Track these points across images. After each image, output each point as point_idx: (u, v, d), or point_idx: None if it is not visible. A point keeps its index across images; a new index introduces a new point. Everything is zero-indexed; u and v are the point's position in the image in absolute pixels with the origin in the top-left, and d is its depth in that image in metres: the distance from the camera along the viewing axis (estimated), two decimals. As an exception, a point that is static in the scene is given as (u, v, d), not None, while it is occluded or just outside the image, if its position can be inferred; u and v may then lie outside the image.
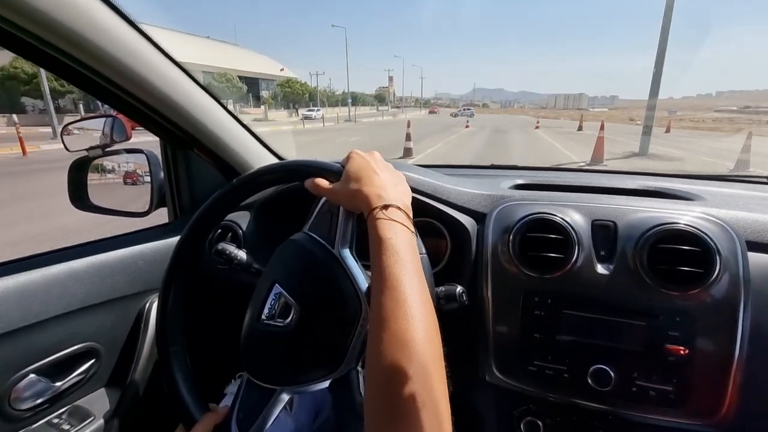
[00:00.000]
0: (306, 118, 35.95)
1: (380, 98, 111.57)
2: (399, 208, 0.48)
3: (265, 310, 0.52)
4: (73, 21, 0.54)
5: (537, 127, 24.47)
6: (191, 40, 50.93)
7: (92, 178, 0.89)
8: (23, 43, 0.55)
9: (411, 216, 0.50)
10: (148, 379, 0.82)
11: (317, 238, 0.55)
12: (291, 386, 0.52)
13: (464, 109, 56.81)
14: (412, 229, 0.48)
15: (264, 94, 52.42)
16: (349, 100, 49.63)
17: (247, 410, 0.54)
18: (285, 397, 0.52)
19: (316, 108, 43.36)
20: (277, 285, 0.53)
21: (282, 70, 61.46)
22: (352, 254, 0.54)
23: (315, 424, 0.58)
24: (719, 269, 0.57)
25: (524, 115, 69.60)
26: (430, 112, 73.72)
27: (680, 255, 0.59)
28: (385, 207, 0.47)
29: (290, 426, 0.82)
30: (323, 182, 0.54)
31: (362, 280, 0.51)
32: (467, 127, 25.27)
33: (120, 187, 0.93)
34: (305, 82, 58.81)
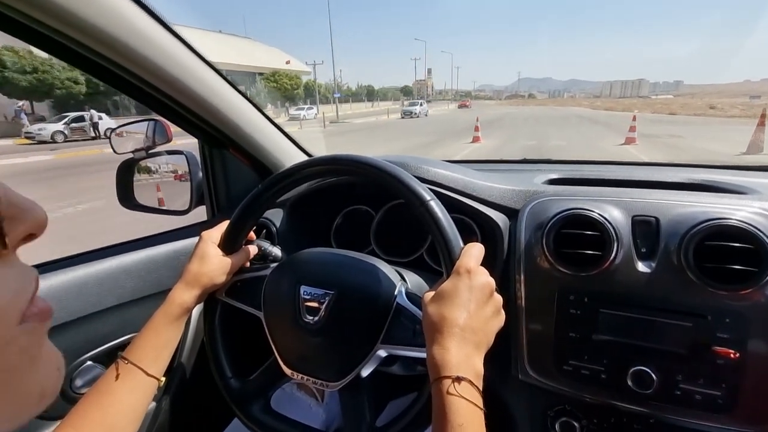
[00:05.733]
0: (293, 118, 29.26)
1: (406, 92, 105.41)
2: (472, 383, 0.42)
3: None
4: (114, 26, 0.57)
5: (632, 141, 10.53)
6: (203, 36, 47.20)
7: (138, 179, 0.95)
8: (66, 49, 0.59)
9: (481, 388, 0.44)
10: (192, 366, 0.87)
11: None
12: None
13: (410, 104, 37.06)
14: (482, 407, 0.43)
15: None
16: (336, 95, 39.71)
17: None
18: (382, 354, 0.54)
19: (306, 106, 36.13)
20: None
21: (288, 62, 54.81)
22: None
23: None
24: None
25: (577, 107, 55.73)
26: (460, 106, 65.00)
27: (730, 252, 0.55)
28: (458, 380, 0.41)
29: (322, 417, 0.84)
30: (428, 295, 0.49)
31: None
32: (475, 140, 12.32)
33: (163, 186, 0.98)
34: (296, 75, 49.41)
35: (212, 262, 0.59)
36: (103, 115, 19.91)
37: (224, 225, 0.63)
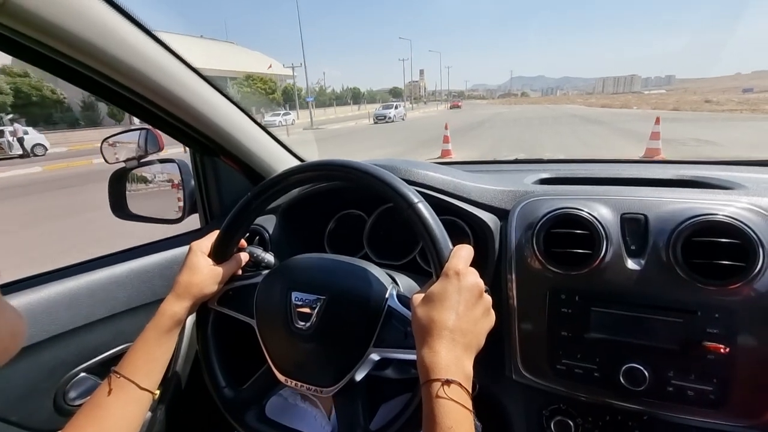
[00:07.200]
0: (269, 125, 26.36)
1: (395, 93, 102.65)
2: (461, 386, 0.42)
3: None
4: (100, 37, 0.57)
5: (655, 152, 6.69)
6: (183, 41, 45.46)
7: (130, 188, 0.95)
8: (52, 61, 0.59)
9: (470, 390, 0.44)
10: (187, 376, 0.87)
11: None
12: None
13: (383, 108, 32.11)
14: (471, 409, 0.43)
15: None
16: (309, 99, 35.61)
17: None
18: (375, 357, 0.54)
19: (283, 111, 33.66)
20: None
21: (269, 66, 52.90)
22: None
23: None
24: (763, 262, 0.53)
25: (571, 104, 54.40)
26: (451, 107, 63.55)
27: (718, 248, 0.56)
28: (448, 383, 0.42)
29: (326, 429, 0.83)
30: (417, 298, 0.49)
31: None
32: (444, 154, 8.73)
33: (155, 195, 0.98)
34: (271, 79, 46.86)
35: (202, 272, 0.59)
36: (29, 129, 17.40)
37: (214, 235, 0.63)
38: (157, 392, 0.55)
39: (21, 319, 0.27)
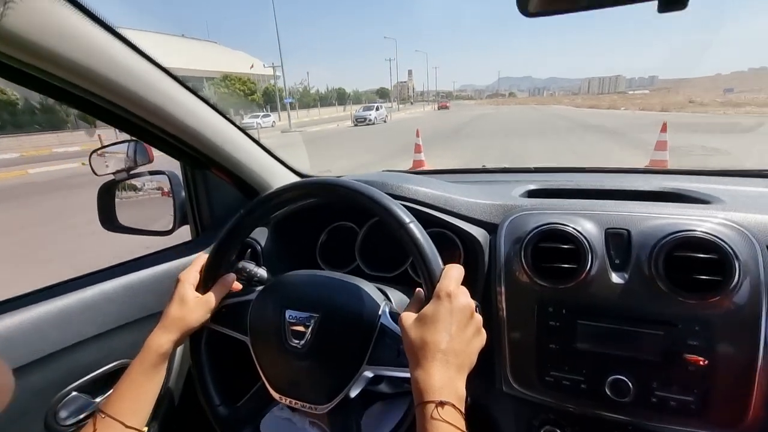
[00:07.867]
0: (247, 128, 22.43)
1: (382, 94, 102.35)
2: (455, 407, 0.43)
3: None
4: (83, 54, 0.56)
5: (662, 165, 5.16)
6: (164, 40, 44.64)
7: (120, 201, 0.94)
8: (41, 82, 0.58)
9: (463, 411, 0.45)
10: (181, 390, 0.87)
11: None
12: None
13: (364, 109, 30.00)
14: (464, 430, 0.44)
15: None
16: (288, 100, 33.43)
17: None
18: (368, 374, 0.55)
19: (262, 113, 33.04)
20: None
21: (251, 66, 51.19)
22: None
23: None
24: (739, 276, 0.56)
25: (558, 105, 56.17)
26: (440, 108, 61.30)
27: (697, 262, 0.58)
28: (441, 405, 0.42)
29: None
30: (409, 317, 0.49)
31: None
32: (416, 165, 6.57)
33: (145, 207, 0.97)
34: (249, 79, 44.49)
35: (189, 305, 0.59)
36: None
37: (200, 262, 0.64)
38: (145, 429, 0.54)
39: (8, 373, 0.27)
